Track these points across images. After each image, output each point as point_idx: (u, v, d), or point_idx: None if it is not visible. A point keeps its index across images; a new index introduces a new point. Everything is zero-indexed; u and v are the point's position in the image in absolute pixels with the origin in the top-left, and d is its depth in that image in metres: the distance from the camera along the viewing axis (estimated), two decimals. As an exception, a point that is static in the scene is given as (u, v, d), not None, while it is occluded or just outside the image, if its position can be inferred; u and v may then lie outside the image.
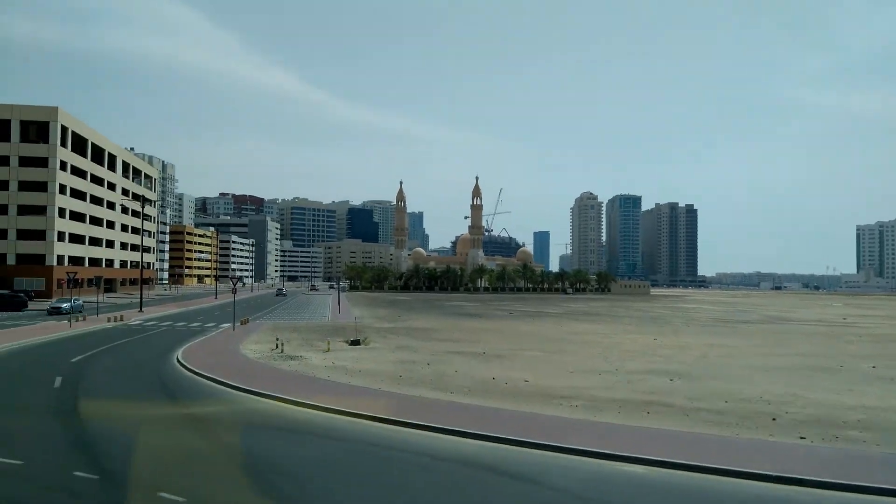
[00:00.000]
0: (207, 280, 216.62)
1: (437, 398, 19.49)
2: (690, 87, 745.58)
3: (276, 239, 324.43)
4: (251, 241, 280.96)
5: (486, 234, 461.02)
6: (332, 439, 14.81)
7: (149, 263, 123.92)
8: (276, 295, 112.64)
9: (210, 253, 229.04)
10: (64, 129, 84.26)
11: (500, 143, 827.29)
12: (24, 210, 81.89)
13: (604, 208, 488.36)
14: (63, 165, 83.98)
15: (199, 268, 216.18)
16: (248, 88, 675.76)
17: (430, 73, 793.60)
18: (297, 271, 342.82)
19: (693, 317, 75.28)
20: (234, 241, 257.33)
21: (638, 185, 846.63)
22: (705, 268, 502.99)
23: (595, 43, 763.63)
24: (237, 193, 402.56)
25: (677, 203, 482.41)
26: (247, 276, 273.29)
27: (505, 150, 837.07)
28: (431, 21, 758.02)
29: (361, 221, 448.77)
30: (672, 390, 22.35)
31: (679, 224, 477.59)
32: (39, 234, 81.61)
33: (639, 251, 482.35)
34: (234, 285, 46.24)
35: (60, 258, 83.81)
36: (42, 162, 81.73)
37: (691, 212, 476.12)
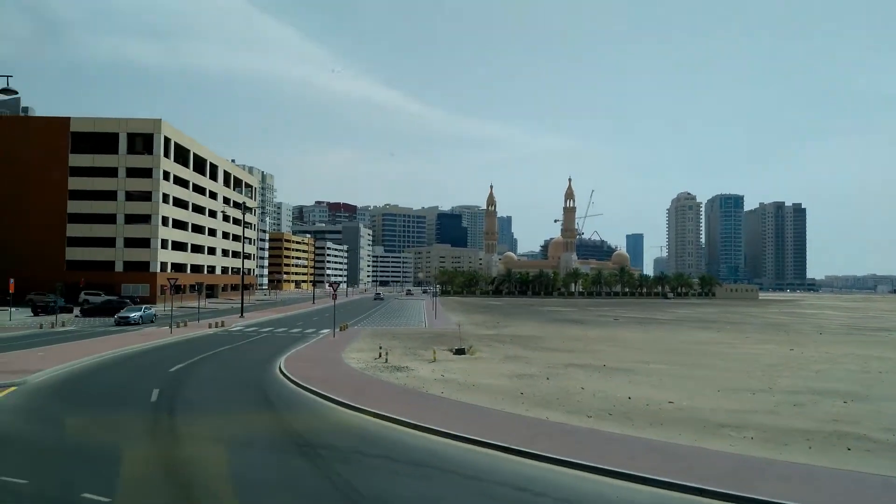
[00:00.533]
0: (304, 285, 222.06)
1: (576, 424, 16.38)
2: (796, 81, 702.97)
3: (369, 245, 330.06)
4: (345, 246, 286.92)
5: (578, 237, 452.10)
6: (460, 475, 12.04)
7: (249, 269, 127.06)
8: (374, 299, 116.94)
9: (307, 259, 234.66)
10: (167, 141, 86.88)
11: (591, 145, 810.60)
12: (130, 219, 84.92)
13: (703, 209, 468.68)
14: (166, 175, 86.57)
15: (296, 273, 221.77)
16: (343, 101, 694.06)
17: (518, 77, 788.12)
18: (387, 276, 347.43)
19: (820, 323, 68.14)
20: (329, 248, 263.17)
21: (737, 185, 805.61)
22: (814, 271, 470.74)
23: (694, 40, 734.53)
24: (332, 201, 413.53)
25: (783, 202, 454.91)
26: (341, 281, 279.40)
27: (596, 152, 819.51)
28: (516, 24, 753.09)
29: (450, 226, 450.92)
30: (854, 416, 18.29)
31: (786, 224, 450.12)
32: (144, 242, 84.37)
33: (741, 253, 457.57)
34: (335, 290, 44.89)
35: (164, 265, 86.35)
36: (147, 172, 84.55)
37: (799, 211, 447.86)
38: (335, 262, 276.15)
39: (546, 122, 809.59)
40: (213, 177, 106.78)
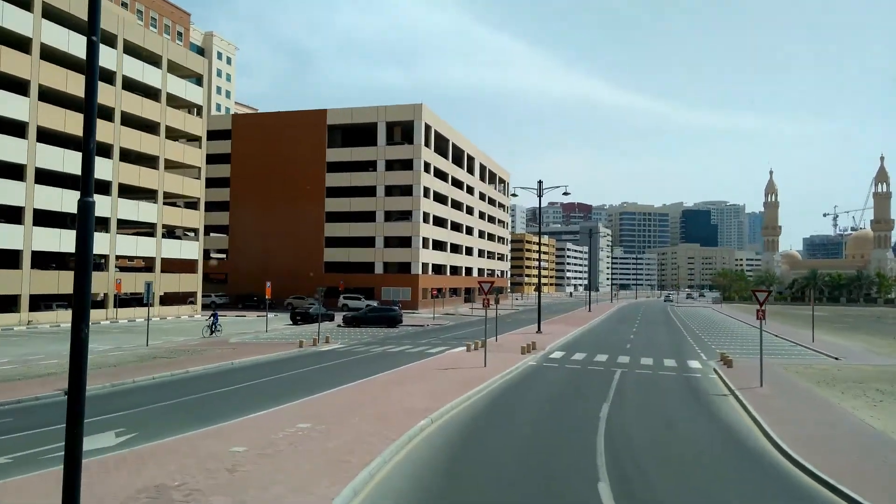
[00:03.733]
0: (547, 289, 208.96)
1: None
2: None
3: (608, 245, 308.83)
4: (584, 248, 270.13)
5: (853, 232, 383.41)
6: None
7: (502, 272, 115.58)
8: (665, 300, 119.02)
9: (548, 261, 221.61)
10: (427, 129, 77.23)
11: (858, 129, 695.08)
12: (389, 216, 76.39)
13: None
14: (426, 167, 76.86)
15: (535, 276, 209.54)
16: (573, 104, 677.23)
17: (766, 62, 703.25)
18: (628, 279, 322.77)
19: None
20: (568, 249, 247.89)
21: None
22: None
23: None
24: (565, 202, 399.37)
25: None
26: (581, 284, 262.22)
27: (867, 138, 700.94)
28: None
29: (697, 224, 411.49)
30: None
31: None
32: (405, 241, 75.26)
33: None
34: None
35: (425, 266, 76.56)
36: (407, 164, 75.47)
37: None
38: (575, 264, 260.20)
39: (810, 107, 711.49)
40: (471, 170, 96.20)
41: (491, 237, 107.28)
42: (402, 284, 74.78)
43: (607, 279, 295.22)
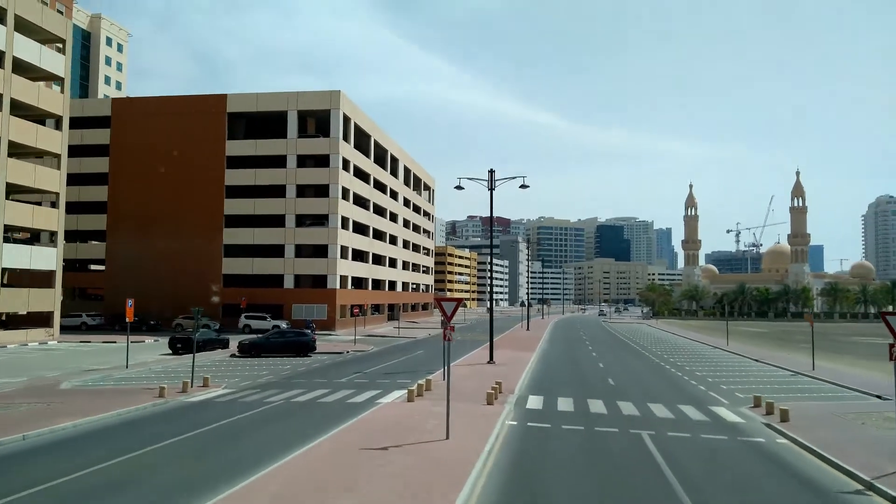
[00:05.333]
0: (469, 304, 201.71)
1: None
2: None
3: (527, 259, 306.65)
4: (505, 262, 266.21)
5: (755, 248, 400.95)
6: None
7: (427, 286, 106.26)
8: (599, 315, 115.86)
9: (469, 275, 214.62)
10: (346, 121, 67.18)
11: (754, 153, 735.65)
12: (302, 220, 65.56)
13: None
14: (345, 165, 66.70)
15: (458, 291, 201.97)
16: (481, 120, 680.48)
17: (669, 85, 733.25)
18: (546, 293, 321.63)
19: None
20: (490, 263, 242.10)
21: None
22: None
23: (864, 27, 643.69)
24: (484, 216, 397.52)
25: None
26: (502, 299, 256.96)
27: (765, 158, 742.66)
28: (665, 29, 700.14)
29: (611, 239, 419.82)
30: None
31: None
32: (320, 251, 64.62)
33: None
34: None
35: (343, 279, 66.15)
36: (322, 161, 65.03)
37: None
38: (496, 279, 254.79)
39: (708, 129, 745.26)
40: (394, 172, 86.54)
41: (416, 248, 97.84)
42: (316, 301, 63.99)
43: (526, 293, 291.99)
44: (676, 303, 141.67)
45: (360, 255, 72.66)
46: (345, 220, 66.37)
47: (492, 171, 33.63)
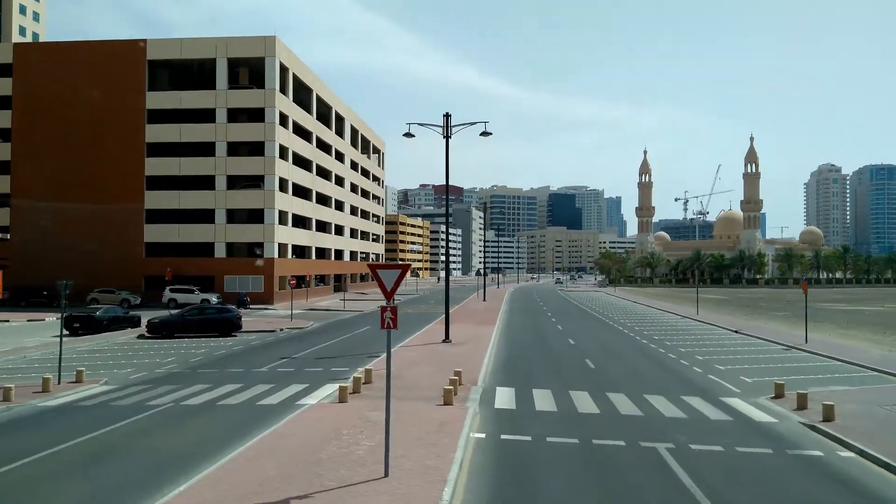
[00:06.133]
0: (422, 273, 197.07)
1: None
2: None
3: (479, 228, 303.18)
4: (458, 230, 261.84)
5: (702, 216, 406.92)
6: None
7: (377, 255, 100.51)
8: (556, 283, 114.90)
9: (422, 244, 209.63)
10: (283, 71, 60.35)
11: (703, 120, 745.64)
12: (233, 182, 58.90)
13: (848, 183, 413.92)
14: (283, 120, 60.06)
15: (411, 260, 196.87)
16: (438, 87, 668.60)
17: (624, 49, 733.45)
18: (500, 262, 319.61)
19: None
20: (442, 232, 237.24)
21: (885, 156, 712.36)
22: None
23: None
24: (437, 184, 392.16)
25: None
26: (455, 268, 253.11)
27: (711, 127, 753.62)
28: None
29: (563, 208, 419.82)
30: None
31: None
32: (255, 216, 58.18)
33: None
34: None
35: (283, 248, 60.01)
36: (257, 115, 58.18)
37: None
38: (451, 248, 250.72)
39: (657, 99, 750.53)
40: (340, 132, 79.87)
41: (365, 214, 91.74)
42: (251, 272, 57.76)
43: (479, 262, 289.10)
44: (631, 270, 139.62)
45: (302, 222, 66.42)
46: (283, 182, 59.98)
47: (447, 116, 28.19)
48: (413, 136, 28.29)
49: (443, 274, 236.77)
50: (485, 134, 28.11)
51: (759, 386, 19.90)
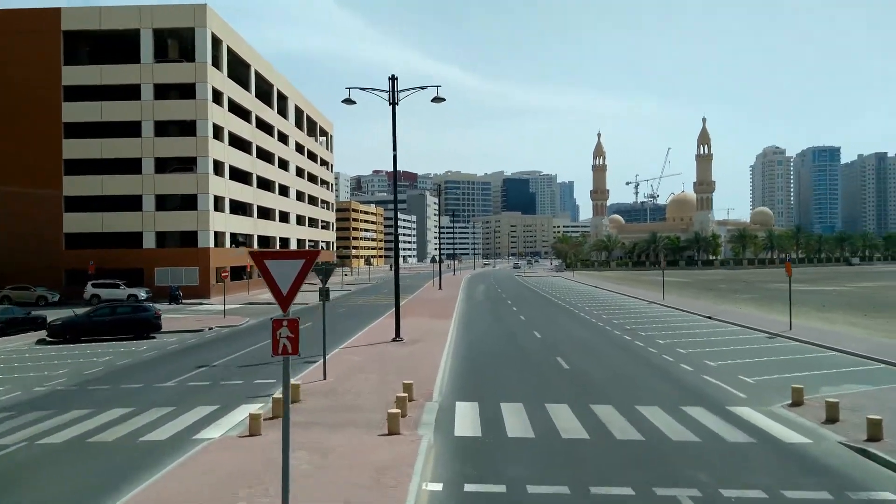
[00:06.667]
0: (376, 261, 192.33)
1: None
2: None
3: (435, 215, 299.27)
4: (413, 217, 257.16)
5: (652, 200, 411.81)
6: None
7: (327, 243, 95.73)
8: (514, 268, 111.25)
9: (376, 232, 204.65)
10: (217, 43, 55.22)
11: (658, 107, 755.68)
12: (162, 165, 53.69)
13: (792, 164, 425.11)
14: (218, 97, 55.02)
15: (365, 248, 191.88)
16: (386, 72, 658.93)
17: (565, 41, 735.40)
18: (456, 248, 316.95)
19: None
20: (398, 219, 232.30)
21: (827, 138, 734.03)
22: None
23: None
24: (391, 170, 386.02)
25: (886, 153, 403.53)
26: (410, 256, 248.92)
27: (662, 113, 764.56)
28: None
29: (517, 193, 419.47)
30: None
31: (889, 178, 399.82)
32: (189, 202, 53.16)
33: (837, 212, 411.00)
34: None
35: (219, 237, 55.17)
36: (187, 91, 52.98)
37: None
38: (405, 235, 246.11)
39: (606, 85, 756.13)
40: (283, 112, 74.76)
41: (313, 200, 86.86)
42: (185, 263, 52.81)
43: (435, 248, 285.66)
44: (587, 254, 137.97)
45: (242, 208, 61.54)
46: (219, 165, 55.04)
47: (393, 79, 24.26)
48: (354, 102, 24.28)
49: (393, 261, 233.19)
50: (437, 100, 24.34)
51: (765, 388, 16.85)
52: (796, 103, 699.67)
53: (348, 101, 24.06)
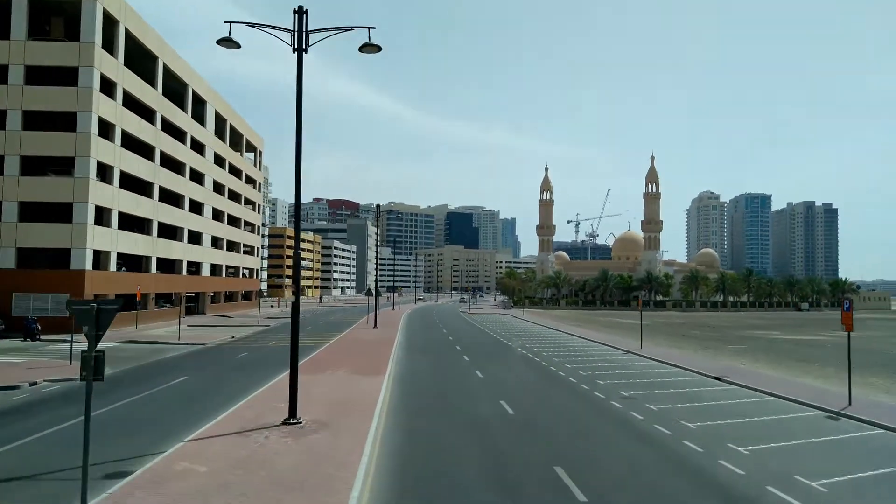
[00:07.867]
0: (310, 292, 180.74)
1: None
2: (819, 76, 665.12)
3: (376, 245, 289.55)
4: (353, 247, 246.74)
5: (591, 239, 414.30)
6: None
7: (253, 270, 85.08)
8: (460, 302, 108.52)
9: (312, 261, 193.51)
10: (111, 24, 45.48)
11: (599, 149, 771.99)
12: (29, 166, 43.11)
13: (726, 210, 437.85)
14: (109, 87, 45.06)
15: (301, 277, 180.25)
16: (334, 105, 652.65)
17: (518, 80, 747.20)
18: (397, 280, 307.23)
19: None
20: (336, 247, 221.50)
21: (759, 185, 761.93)
22: (848, 275, 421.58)
23: (703, 29, 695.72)
24: (331, 198, 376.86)
25: (814, 202, 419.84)
26: (348, 287, 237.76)
27: (602, 156, 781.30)
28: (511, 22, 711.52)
29: (461, 227, 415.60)
30: None
31: (816, 226, 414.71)
32: (62, 211, 42.59)
33: (768, 257, 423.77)
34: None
35: (101, 256, 44.64)
36: (68, 77, 42.85)
37: (830, 212, 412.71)
38: (343, 265, 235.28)
39: (547, 126, 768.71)
40: (200, 118, 64.78)
41: (234, 221, 76.53)
42: (54, 288, 41.93)
43: (375, 280, 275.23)
44: (534, 290, 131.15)
45: (138, 224, 51.13)
46: (106, 169, 44.80)
47: (300, 12, 15.55)
48: (238, 45, 15.47)
49: (335, 293, 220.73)
50: (369, 46, 15.77)
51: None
52: (730, 153, 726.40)
53: (228, 43, 15.19)
